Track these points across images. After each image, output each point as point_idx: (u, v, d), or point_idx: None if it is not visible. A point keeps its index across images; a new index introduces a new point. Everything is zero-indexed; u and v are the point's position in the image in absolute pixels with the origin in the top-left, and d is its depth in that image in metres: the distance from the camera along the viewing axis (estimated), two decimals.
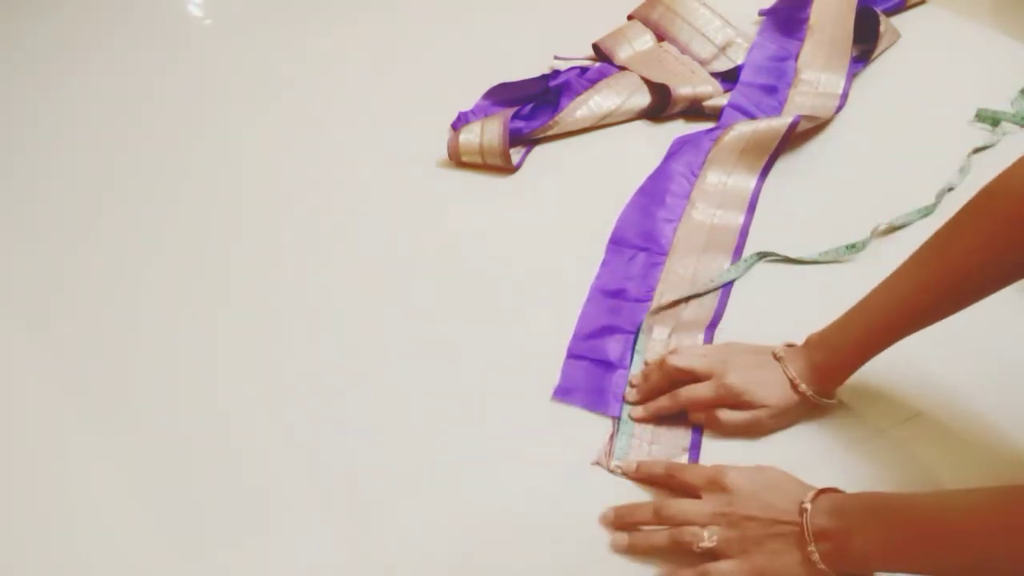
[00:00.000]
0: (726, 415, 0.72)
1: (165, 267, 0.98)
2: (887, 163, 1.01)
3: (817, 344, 0.72)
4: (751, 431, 0.73)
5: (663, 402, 0.75)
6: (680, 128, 1.08)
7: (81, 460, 0.79)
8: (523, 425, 0.77)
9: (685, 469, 0.69)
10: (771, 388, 0.72)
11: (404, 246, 0.97)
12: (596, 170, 1.04)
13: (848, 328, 0.70)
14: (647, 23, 1.21)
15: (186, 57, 1.34)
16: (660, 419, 0.76)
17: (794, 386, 0.72)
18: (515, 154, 1.05)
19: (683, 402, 0.74)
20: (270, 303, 0.92)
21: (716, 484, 0.64)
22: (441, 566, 0.68)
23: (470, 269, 0.93)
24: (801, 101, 1.06)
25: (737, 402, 0.72)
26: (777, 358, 0.73)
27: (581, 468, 0.73)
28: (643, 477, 0.71)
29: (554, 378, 0.80)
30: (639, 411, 0.76)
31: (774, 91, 1.09)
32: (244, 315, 0.91)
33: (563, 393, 0.79)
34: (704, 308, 0.85)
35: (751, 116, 1.05)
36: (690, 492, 0.66)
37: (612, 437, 0.75)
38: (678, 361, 0.75)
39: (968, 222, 0.64)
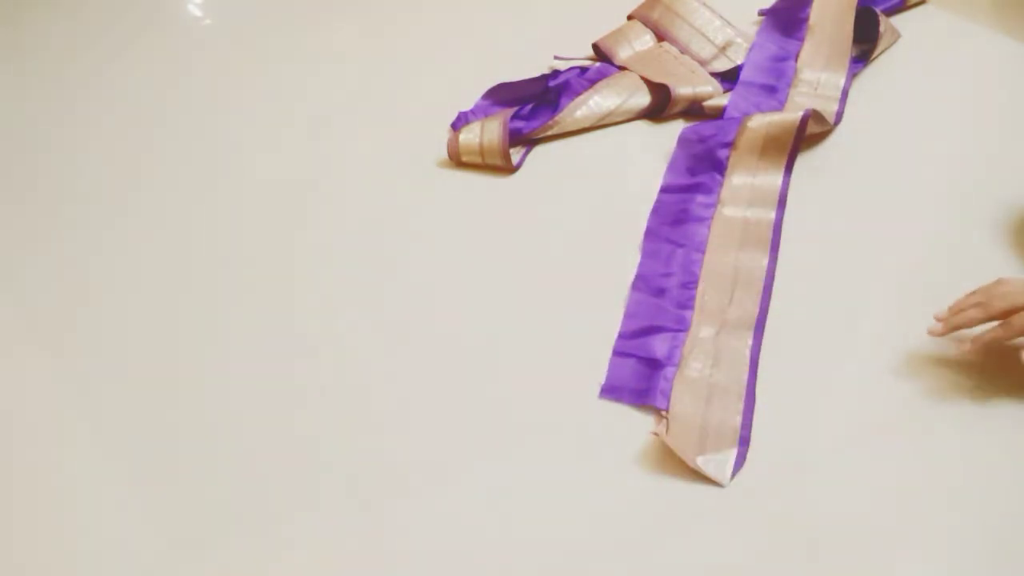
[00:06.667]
0: None
1: (162, 266, 0.98)
2: (892, 164, 1.00)
3: None
4: None
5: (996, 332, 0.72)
6: (680, 128, 1.08)
7: (80, 459, 0.79)
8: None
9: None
10: None
11: (403, 245, 0.97)
12: (596, 170, 1.04)
13: None
14: (647, 23, 1.21)
15: (186, 58, 1.34)
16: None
17: None
18: (515, 154, 1.05)
19: (1019, 329, 0.71)
20: (273, 303, 0.92)
21: None
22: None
23: (469, 269, 0.93)
24: (801, 101, 1.06)
25: None
26: None
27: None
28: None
29: (565, 374, 0.80)
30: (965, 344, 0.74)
31: (774, 91, 1.09)
32: (249, 314, 0.91)
33: (610, 391, 0.79)
34: (747, 309, 0.85)
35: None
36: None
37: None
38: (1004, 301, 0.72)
39: None
